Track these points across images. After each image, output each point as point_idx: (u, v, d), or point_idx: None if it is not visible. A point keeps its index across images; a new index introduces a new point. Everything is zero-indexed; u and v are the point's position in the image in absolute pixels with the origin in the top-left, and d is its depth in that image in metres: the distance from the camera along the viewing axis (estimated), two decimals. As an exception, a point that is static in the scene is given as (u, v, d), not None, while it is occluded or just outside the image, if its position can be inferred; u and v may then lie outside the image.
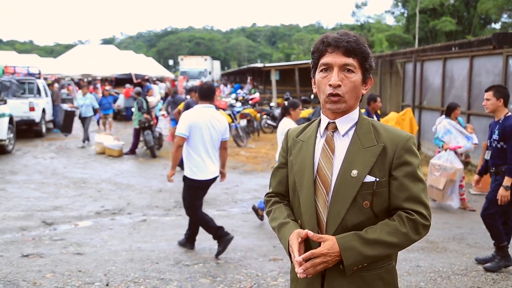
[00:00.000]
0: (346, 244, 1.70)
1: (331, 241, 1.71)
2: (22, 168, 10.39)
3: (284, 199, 2.02)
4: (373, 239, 1.71)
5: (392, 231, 1.73)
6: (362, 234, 1.72)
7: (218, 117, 5.22)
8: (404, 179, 1.76)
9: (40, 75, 16.74)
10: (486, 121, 9.54)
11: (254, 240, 5.81)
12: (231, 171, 10.35)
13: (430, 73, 12.31)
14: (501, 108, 4.88)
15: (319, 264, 1.71)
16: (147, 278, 4.55)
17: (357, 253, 1.70)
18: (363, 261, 1.72)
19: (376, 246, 1.71)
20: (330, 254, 1.70)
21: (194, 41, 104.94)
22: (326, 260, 1.71)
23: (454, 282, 4.54)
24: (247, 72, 38.66)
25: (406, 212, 1.75)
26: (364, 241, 1.71)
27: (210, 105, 5.23)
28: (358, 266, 1.73)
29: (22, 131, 14.62)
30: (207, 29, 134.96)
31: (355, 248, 1.70)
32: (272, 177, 2.08)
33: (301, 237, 1.77)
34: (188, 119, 5.05)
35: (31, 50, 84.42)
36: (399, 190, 1.77)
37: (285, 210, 1.94)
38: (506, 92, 4.90)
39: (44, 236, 5.91)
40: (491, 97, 4.88)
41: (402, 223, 1.73)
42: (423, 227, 1.75)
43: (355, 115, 1.85)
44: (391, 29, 47.95)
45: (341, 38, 1.77)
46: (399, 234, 1.73)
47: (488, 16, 37.30)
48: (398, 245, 1.74)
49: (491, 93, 4.89)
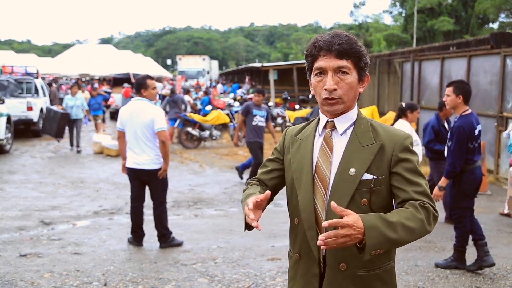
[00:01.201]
0: (369, 222, 1.61)
1: (355, 216, 1.60)
2: (20, 168, 10.38)
3: (263, 184, 2.03)
4: (395, 222, 1.64)
5: (410, 217, 1.68)
6: (384, 216, 1.65)
7: (143, 109, 5.30)
8: (407, 173, 1.76)
9: (38, 74, 16.71)
10: (484, 121, 9.56)
11: (252, 240, 5.81)
12: (229, 171, 10.36)
13: (428, 73, 12.33)
14: (460, 105, 4.68)
15: (342, 237, 1.57)
16: (145, 278, 4.55)
17: (379, 233, 1.60)
18: (383, 244, 1.62)
19: (397, 229, 1.63)
20: (355, 228, 1.57)
21: (192, 40, 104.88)
22: (350, 234, 1.57)
23: (452, 281, 4.54)
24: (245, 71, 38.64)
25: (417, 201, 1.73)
26: (386, 223, 1.63)
27: (140, 98, 5.38)
28: (375, 251, 1.62)
29: (20, 131, 14.60)
30: (205, 29, 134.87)
31: (378, 228, 1.60)
32: (261, 167, 2.10)
33: (260, 199, 1.77)
34: (119, 114, 5.46)
35: (29, 49, 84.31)
36: (404, 182, 1.76)
37: (259, 187, 1.98)
38: (466, 88, 4.68)
39: (42, 235, 5.91)
40: (450, 93, 4.69)
41: (417, 210, 1.70)
42: (434, 218, 1.73)
43: (353, 114, 1.86)
44: (389, 29, 47.99)
45: (333, 41, 1.76)
46: (416, 219, 1.68)
47: (486, 16, 37.35)
48: (415, 232, 1.68)
49: (451, 89, 4.70)
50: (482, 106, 9.75)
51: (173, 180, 8.53)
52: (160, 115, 5.30)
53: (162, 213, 5.47)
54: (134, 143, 5.31)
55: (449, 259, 4.89)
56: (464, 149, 4.61)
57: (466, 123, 4.61)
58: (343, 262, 1.78)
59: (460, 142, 4.59)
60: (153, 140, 5.29)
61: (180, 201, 7.85)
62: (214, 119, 13.90)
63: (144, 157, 5.29)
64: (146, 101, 5.34)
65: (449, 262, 4.86)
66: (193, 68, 45.66)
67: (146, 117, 5.24)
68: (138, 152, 5.30)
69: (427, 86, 12.33)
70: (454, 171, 4.65)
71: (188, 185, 9.04)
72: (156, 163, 5.32)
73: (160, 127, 5.25)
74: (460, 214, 4.78)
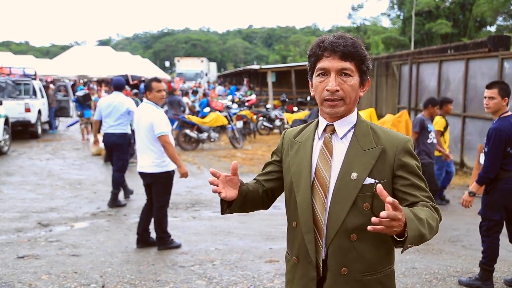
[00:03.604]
0: (407, 214, 1.57)
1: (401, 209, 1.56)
2: (17, 169, 10.36)
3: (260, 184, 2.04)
4: (423, 218, 1.62)
5: (430, 216, 1.68)
6: (413, 210, 1.63)
7: (144, 113, 5.29)
8: (412, 176, 1.78)
9: (36, 76, 16.69)
10: (482, 124, 9.59)
11: (250, 242, 5.81)
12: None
13: (426, 76, 12.36)
14: (503, 108, 4.29)
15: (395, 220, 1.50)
16: (143, 280, 4.54)
17: (416, 227, 1.57)
18: (417, 238, 1.58)
19: (425, 225, 1.62)
20: (402, 221, 1.52)
21: (190, 42, 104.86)
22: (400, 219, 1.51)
23: (449, 284, 4.55)
24: (243, 74, 38.68)
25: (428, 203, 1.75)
26: (417, 218, 1.60)
27: (146, 101, 5.37)
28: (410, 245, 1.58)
29: (18, 132, 14.58)
30: (203, 31, 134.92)
31: (414, 221, 1.57)
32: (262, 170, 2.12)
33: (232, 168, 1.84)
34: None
35: (26, 51, 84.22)
36: (410, 186, 1.77)
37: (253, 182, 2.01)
38: (509, 90, 4.31)
39: (40, 237, 5.90)
40: (495, 95, 4.25)
41: (432, 211, 1.72)
42: (440, 220, 1.75)
43: (353, 118, 1.86)
44: (387, 32, 48.03)
45: (338, 42, 1.76)
46: (434, 219, 1.69)
47: (483, 19, 37.41)
48: (434, 230, 1.67)
49: (495, 91, 4.25)
50: (479, 109, 9.78)
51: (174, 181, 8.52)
52: (159, 119, 5.21)
53: (162, 217, 5.44)
54: (140, 146, 5.34)
55: (473, 277, 4.47)
56: (500, 153, 4.18)
57: (506, 126, 4.19)
58: (344, 266, 1.77)
59: (496, 146, 4.17)
60: (155, 144, 5.24)
61: (178, 203, 7.85)
62: (212, 121, 13.90)
63: (146, 160, 5.29)
64: (150, 104, 5.32)
65: (473, 281, 4.43)
66: (192, 70, 45.71)
67: (146, 121, 5.23)
68: (141, 155, 5.34)
69: (425, 89, 12.36)
70: (487, 177, 4.23)
71: (186, 187, 9.03)
72: (159, 165, 5.28)
73: (160, 131, 5.17)
74: (488, 226, 4.34)
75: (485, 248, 4.38)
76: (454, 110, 10.65)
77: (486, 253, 4.36)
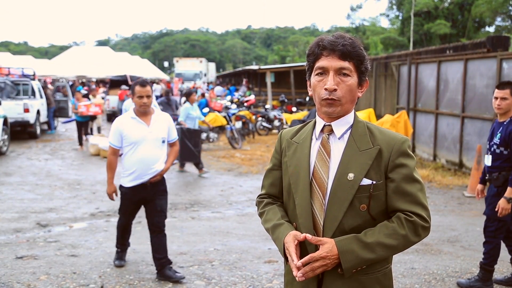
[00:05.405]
0: (344, 247, 1.70)
1: (330, 244, 1.71)
2: (16, 170, 10.35)
3: (277, 201, 2.00)
4: (372, 242, 1.71)
5: (391, 233, 1.72)
6: (361, 237, 1.72)
7: None
8: (401, 181, 1.77)
9: (34, 76, 16.68)
10: (481, 124, 9.60)
11: (249, 242, 5.81)
12: (226, 173, 10.36)
13: (425, 76, 12.36)
14: None
15: (318, 268, 1.71)
16: (142, 280, 4.54)
17: (355, 257, 1.70)
18: (362, 264, 1.72)
19: (375, 249, 1.71)
20: (329, 257, 1.70)
21: (189, 43, 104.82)
22: (325, 264, 1.71)
23: (448, 284, 4.56)
24: (242, 74, 38.72)
25: (405, 214, 1.75)
26: (362, 244, 1.70)
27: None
28: (356, 269, 1.73)
29: (17, 133, 14.57)
30: (202, 31, 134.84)
31: (354, 251, 1.70)
32: (264, 178, 2.07)
33: (297, 240, 1.76)
34: None
35: (25, 51, 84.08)
36: (396, 192, 1.77)
37: (279, 212, 1.92)
38: None
39: (39, 237, 5.89)
40: (508, 95, 4.18)
41: (401, 225, 1.73)
42: (423, 228, 1.75)
43: (350, 118, 1.85)
44: (386, 32, 48.11)
45: (337, 41, 1.76)
46: (398, 236, 1.72)
47: (482, 20, 37.48)
48: (397, 248, 1.74)
49: (508, 91, 4.18)
50: (478, 110, 9.79)
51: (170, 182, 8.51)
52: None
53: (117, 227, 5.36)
54: None
55: (473, 279, 4.43)
56: None
57: None
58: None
59: None
60: None
61: (176, 203, 7.84)
62: (211, 122, 13.90)
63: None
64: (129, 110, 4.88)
65: (473, 282, 4.39)
66: (190, 70, 45.72)
67: None
68: None
69: (423, 89, 12.36)
70: None
71: (185, 187, 9.03)
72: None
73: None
74: (497, 227, 4.29)
75: (488, 249, 4.36)
76: (453, 110, 10.67)
77: (489, 253, 4.35)
